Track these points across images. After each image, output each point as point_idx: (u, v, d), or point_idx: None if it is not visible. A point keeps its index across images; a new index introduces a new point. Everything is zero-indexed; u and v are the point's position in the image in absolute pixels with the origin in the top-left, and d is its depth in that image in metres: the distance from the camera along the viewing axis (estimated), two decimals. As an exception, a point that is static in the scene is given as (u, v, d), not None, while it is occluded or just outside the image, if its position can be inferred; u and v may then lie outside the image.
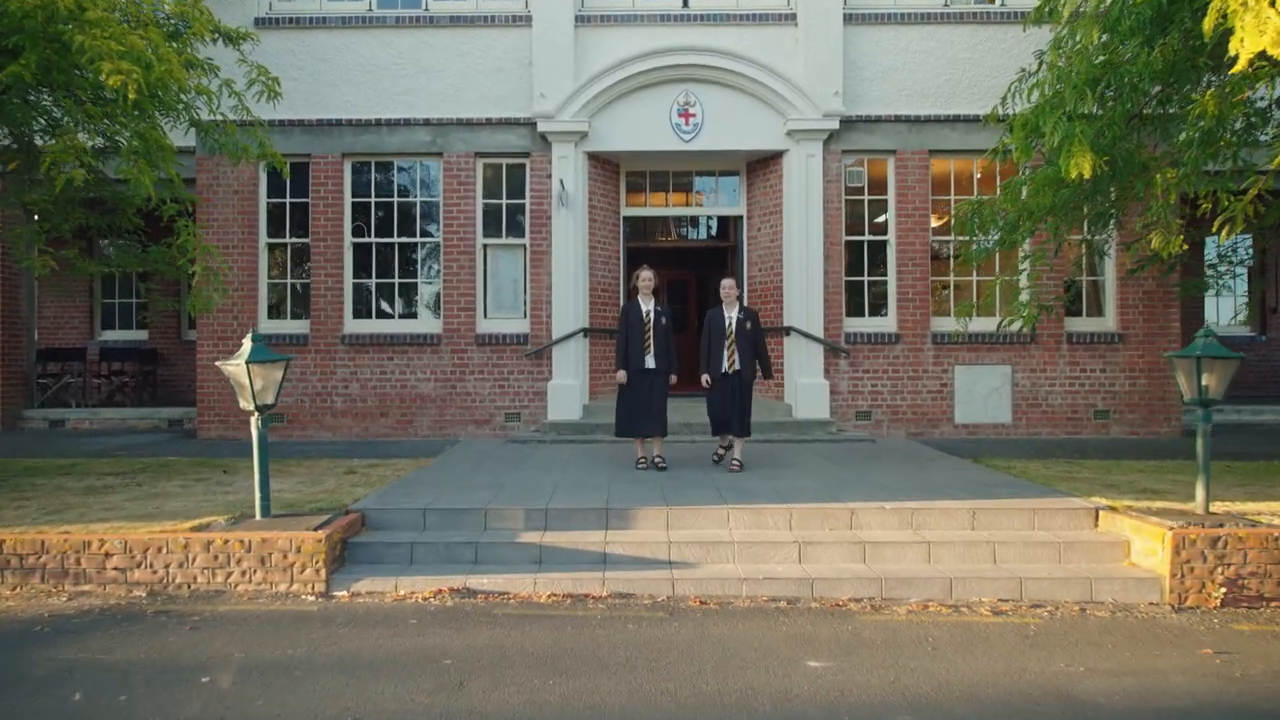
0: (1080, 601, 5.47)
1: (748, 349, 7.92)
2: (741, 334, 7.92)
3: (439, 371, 11.08)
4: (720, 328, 7.99)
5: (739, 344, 7.92)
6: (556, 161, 11.00)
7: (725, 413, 7.99)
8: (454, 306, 11.11)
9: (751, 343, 7.96)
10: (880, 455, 9.20)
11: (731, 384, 7.94)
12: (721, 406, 8.00)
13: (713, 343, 8.01)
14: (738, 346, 7.91)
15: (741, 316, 7.99)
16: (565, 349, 10.97)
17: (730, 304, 8.03)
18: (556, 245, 11.01)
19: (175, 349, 14.81)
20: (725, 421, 8.01)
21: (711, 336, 8.03)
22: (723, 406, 7.99)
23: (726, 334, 7.94)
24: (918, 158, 11.07)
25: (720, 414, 8.04)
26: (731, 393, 7.92)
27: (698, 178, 11.97)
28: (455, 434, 11.05)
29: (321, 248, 11.12)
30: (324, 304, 11.12)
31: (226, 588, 5.55)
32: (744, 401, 7.94)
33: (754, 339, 7.98)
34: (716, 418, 8.11)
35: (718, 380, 7.97)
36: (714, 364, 7.98)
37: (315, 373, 11.09)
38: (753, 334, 7.97)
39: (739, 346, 7.91)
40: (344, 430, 11.06)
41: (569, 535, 6.10)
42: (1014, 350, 11.05)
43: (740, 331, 7.93)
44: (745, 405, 7.96)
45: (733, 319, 7.97)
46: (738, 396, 7.91)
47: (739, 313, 8.00)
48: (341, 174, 11.19)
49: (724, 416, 8.01)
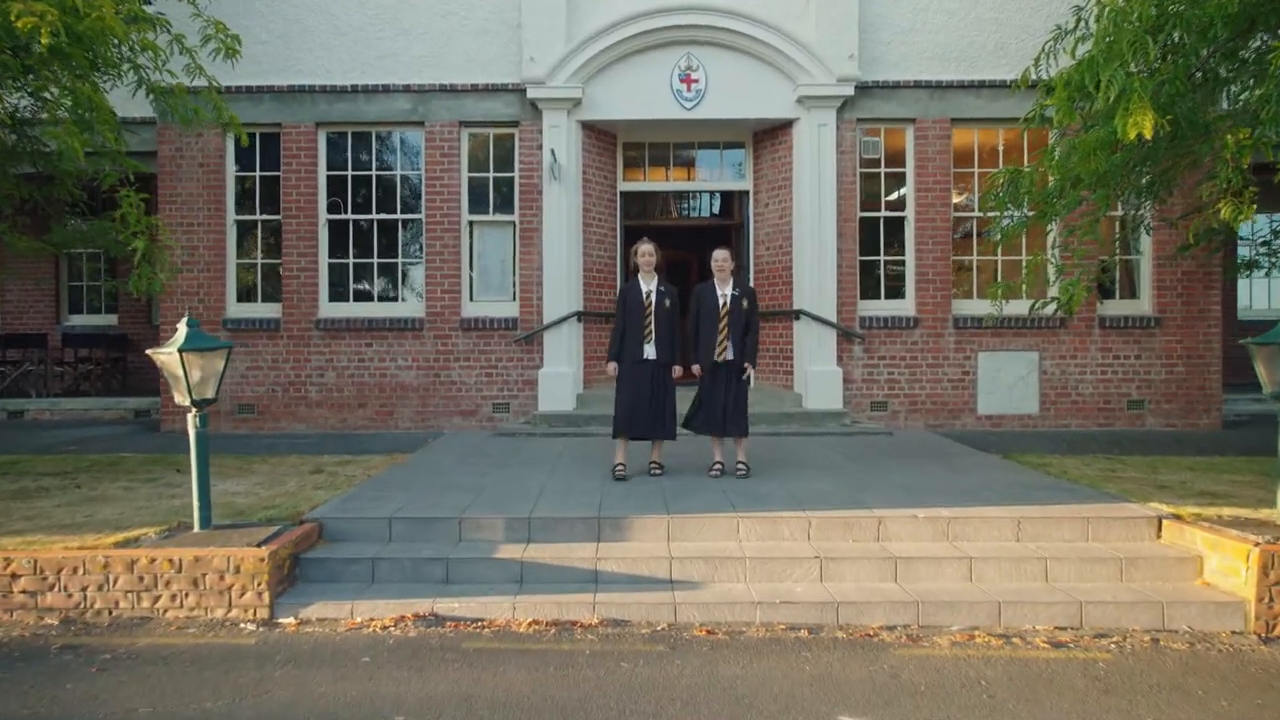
0: (1151, 630, 4.68)
1: (739, 335, 6.84)
2: (737, 315, 6.82)
3: (421, 359, 10.27)
4: (712, 307, 6.86)
5: (733, 327, 6.81)
6: (548, 131, 10.14)
7: (715, 409, 6.84)
8: (437, 288, 10.29)
9: (743, 326, 6.85)
10: (901, 450, 8.40)
11: (723, 376, 6.84)
12: (711, 402, 6.87)
13: (702, 325, 6.89)
14: (731, 330, 6.81)
15: (737, 294, 6.87)
16: (557, 334, 10.16)
17: (724, 279, 6.92)
18: (548, 222, 10.17)
19: (147, 334, 13.95)
20: (715, 420, 6.87)
21: (701, 317, 6.91)
22: (712, 402, 6.86)
23: (719, 314, 6.83)
24: (938, 127, 10.21)
25: (709, 411, 6.88)
26: (724, 386, 6.84)
27: (700, 150, 11.12)
28: (439, 426, 10.25)
29: (294, 225, 10.28)
30: (297, 286, 10.29)
31: (154, 614, 4.75)
32: (739, 397, 6.86)
33: (749, 322, 6.90)
34: (704, 415, 6.93)
35: (707, 370, 6.89)
36: (703, 350, 6.88)
37: (288, 360, 10.28)
38: (749, 316, 6.91)
39: (733, 330, 6.82)
40: (319, 422, 10.26)
41: (555, 549, 5.31)
42: (1042, 335, 10.23)
43: (736, 311, 6.82)
44: (741, 401, 6.87)
45: (727, 296, 6.86)
46: (732, 391, 6.83)
47: (734, 289, 6.91)
48: (315, 145, 10.33)
49: (713, 414, 6.86)
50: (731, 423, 6.87)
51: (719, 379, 6.87)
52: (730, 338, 6.82)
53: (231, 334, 10.23)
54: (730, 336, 6.82)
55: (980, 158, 10.44)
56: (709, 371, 6.89)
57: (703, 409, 6.93)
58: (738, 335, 6.84)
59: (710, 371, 6.88)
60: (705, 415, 6.92)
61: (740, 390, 6.90)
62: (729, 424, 6.87)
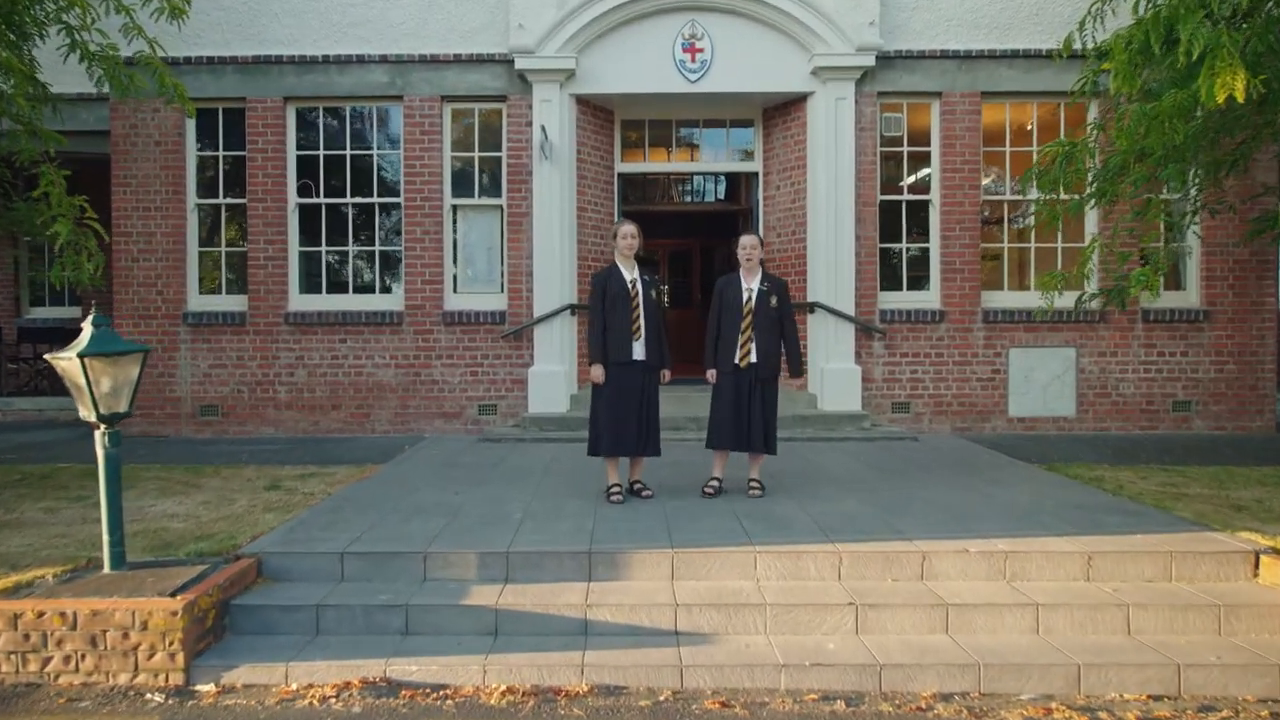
0: (1268, 699, 3.81)
1: (771, 334, 5.92)
2: (763, 312, 5.88)
3: (400, 356, 9.39)
4: (735, 302, 5.93)
5: (758, 326, 5.87)
6: (538, 106, 9.22)
7: (737, 422, 5.87)
8: (418, 279, 9.39)
9: (777, 325, 5.98)
10: (930, 460, 7.53)
11: (746, 382, 5.89)
12: (733, 412, 5.87)
13: (724, 323, 5.97)
14: (756, 329, 5.87)
15: (765, 289, 5.93)
16: (549, 329, 9.27)
17: (751, 270, 5.96)
18: (538, 206, 9.27)
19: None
20: (735, 433, 5.89)
21: (723, 314, 5.99)
22: (734, 412, 5.87)
23: (743, 311, 5.92)
24: (967, 101, 9.29)
25: (729, 422, 5.88)
26: (747, 393, 5.89)
27: (705, 130, 10.20)
28: (420, 429, 9.37)
29: (260, 209, 9.37)
30: (264, 276, 9.39)
31: (43, 679, 3.89)
32: (767, 407, 5.91)
33: (780, 320, 6.00)
34: (722, 426, 5.94)
35: (727, 375, 5.97)
36: (723, 352, 5.96)
37: (254, 357, 9.39)
38: (779, 313, 5.99)
39: (758, 330, 5.88)
40: (289, 425, 9.38)
41: (538, 592, 4.44)
42: (1079, 331, 9.34)
43: (762, 308, 5.89)
44: (769, 412, 5.93)
45: (752, 291, 5.91)
46: (758, 400, 5.88)
47: (761, 283, 5.95)
48: (284, 121, 9.42)
49: (735, 427, 5.87)
50: (764, 437, 5.92)
51: (742, 387, 5.90)
52: (755, 338, 5.88)
53: (192, 329, 9.34)
54: (755, 337, 5.88)
55: (1013, 136, 9.52)
56: (728, 377, 5.93)
57: (730, 423, 5.91)
58: (764, 336, 5.89)
59: (730, 377, 5.92)
60: (734, 430, 5.92)
61: (771, 400, 5.99)
62: (761, 439, 5.91)
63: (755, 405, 5.90)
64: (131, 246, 9.34)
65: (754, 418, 5.90)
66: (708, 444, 6.11)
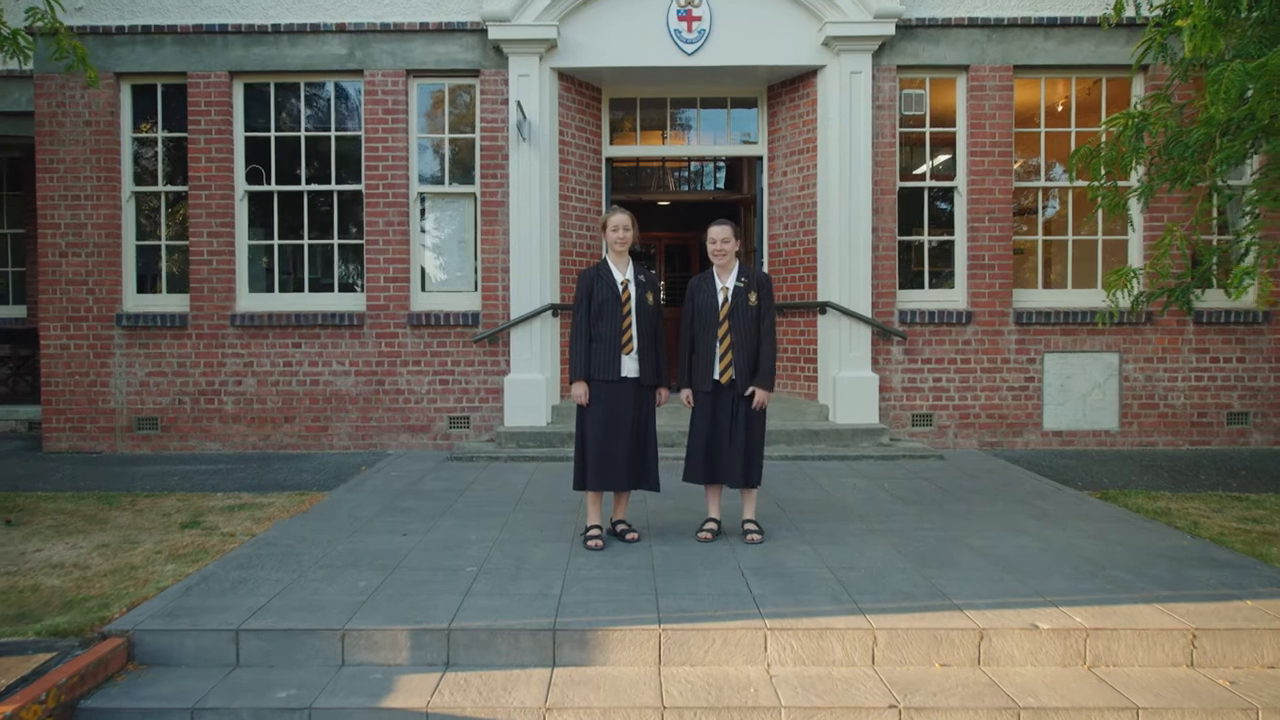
0: None
1: (751, 340, 4.91)
2: (743, 313, 4.87)
3: (362, 362, 8.37)
4: (709, 305, 4.92)
5: (739, 331, 4.86)
6: (515, 81, 8.19)
7: (711, 451, 4.90)
8: (381, 276, 8.36)
9: (754, 328, 4.91)
10: (964, 486, 6.51)
11: (727, 401, 4.87)
12: (708, 439, 4.90)
13: (698, 331, 4.94)
14: (736, 335, 4.86)
15: (741, 285, 4.92)
16: (528, 332, 8.25)
17: (725, 266, 4.95)
18: (516, 194, 8.24)
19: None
20: (708, 464, 4.91)
21: (696, 320, 4.96)
22: (710, 439, 4.90)
23: (718, 314, 4.88)
24: (998, 76, 8.26)
25: (701, 451, 4.91)
26: (730, 418, 4.87)
27: (704, 110, 9.17)
28: (383, 445, 8.36)
29: (204, 198, 8.34)
30: (209, 273, 8.36)
31: None
32: (751, 430, 4.89)
33: (759, 323, 4.95)
34: (693, 455, 4.95)
35: (705, 394, 4.93)
36: (700, 367, 4.92)
37: (198, 364, 8.37)
38: (758, 315, 4.94)
39: (739, 335, 4.86)
40: (236, 440, 8.36)
41: (485, 684, 3.43)
42: (1122, 334, 8.32)
43: (740, 310, 4.87)
44: (753, 437, 4.90)
45: (727, 290, 4.93)
46: (741, 423, 4.86)
47: (738, 279, 4.95)
48: (230, 100, 8.38)
49: (708, 457, 4.90)
50: (743, 469, 4.88)
51: (721, 408, 4.90)
52: (734, 348, 4.86)
53: (128, 332, 8.32)
54: (734, 346, 4.86)
55: (1050, 115, 8.49)
56: (706, 396, 4.93)
57: (704, 451, 4.93)
58: (747, 343, 4.87)
59: (709, 397, 4.92)
60: (708, 460, 4.92)
61: (753, 423, 4.92)
62: (738, 471, 4.87)
63: (737, 430, 4.86)
64: (59, 239, 8.32)
65: (732, 445, 4.86)
66: (684, 476, 5.07)
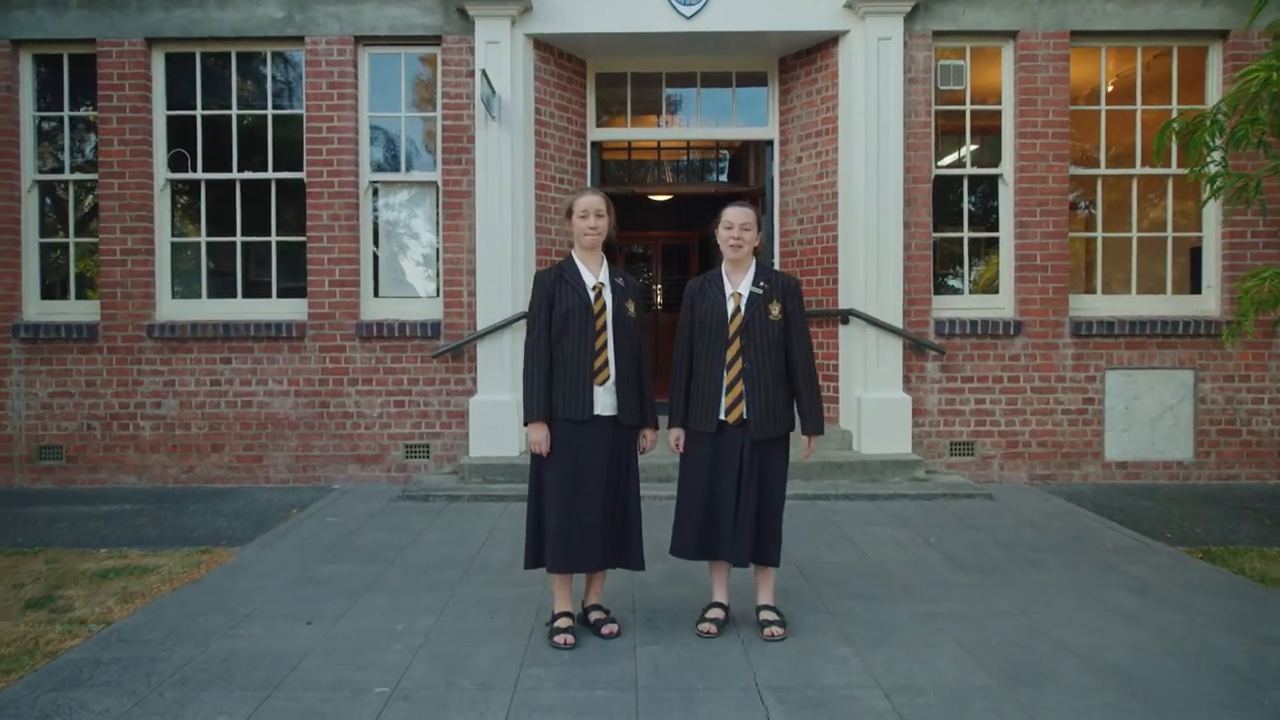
0: None
1: (777, 366, 3.62)
2: (759, 330, 3.59)
3: (303, 380, 7.11)
4: (714, 317, 3.62)
5: (755, 354, 3.58)
6: (483, 49, 6.94)
7: (712, 517, 3.58)
8: (325, 279, 7.11)
9: (781, 351, 3.65)
10: (1029, 539, 5.24)
11: (735, 450, 3.58)
12: (707, 500, 3.59)
13: (699, 350, 3.67)
14: (751, 360, 3.58)
15: (760, 292, 3.64)
16: (497, 346, 6.99)
17: (739, 263, 3.68)
18: (485, 183, 6.99)
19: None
20: (706, 536, 3.59)
21: (696, 336, 3.69)
22: (710, 501, 3.59)
23: (727, 329, 3.60)
24: (1051, 43, 7.01)
25: (697, 517, 3.60)
26: (737, 468, 3.57)
27: (704, 90, 7.91)
28: (329, 477, 7.10)
29: (117, 188, 7.09)
30: (122, 276, 7.11)
31: None
32: (767, 491, 3.61)
33: (786, 342, 3.66)
34: (688, 522, 3.64)
35: (704, 437, 3.63)
36: (699, 400, 3.63)
37: (110, 383, 7.11)
38: (784, 331, 3.65)
39: (755, 359, 3.58)
40: (155, 471, 7.10)
41: None
42: (1198, 347, 7.07)
43: (757, 323, 3.59)
44: (770, 499, 3.62)
45: (740, 297, 3.64)
46: (753, 479, 3.57)
47: (756, 282, 3.66)
48: (148, 72, 7.13)
49: (707, 526, 3.59)
50: (755, 542, 3.58)
51: (726, 458, 3.59)
52: (748, 376, 3.57)
53: (28, 345, 7.06)
54: (748, 374, 3.57)
55: (1113, 93, 7.25)
56: (706, 441, 3.63)
57: (699, 517, 3.61)
58: (765, 370, 3.57)
59: (710, 442, 3.62)
60: (706, 528, 3.61)
61: (770, 479, 3.63)
62: (748, 545, 3.56)
63: (748, 489, 3.55)
64: (-59, 236, 7.07)
65: (742, 510, 3.55)
66: (673, 549, 3.73)
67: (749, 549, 3.56)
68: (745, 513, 3.54)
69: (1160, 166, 6.85)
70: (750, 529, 3.54)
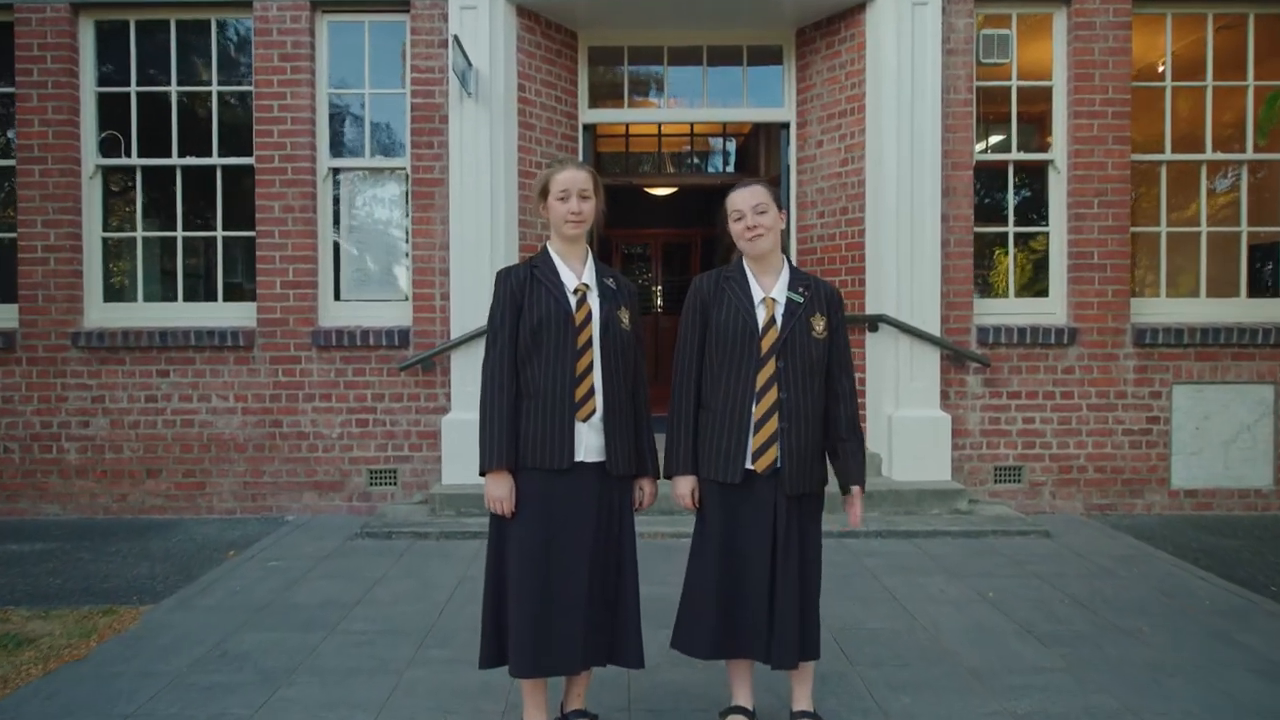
0: None
1: (817, 400, 2.69)
2: (801, 348, 2.65)
3: (251, 396, 6.20)
4: (738, 327, 2.68)
5: (794, 383, 2.64)
6: (457, 15, 6.03)
7: (741, 596, 2.64)
8: (277, 280, 6.20)
9: (822, 379, 2.71)
10: (1107, 594, 4.33)
11: (760, 510, 2.64)
12: (729, 573, 2.65)
13: (714, 372, 2.72)
14: (790, 391, 2.64)
15: (801, 297, 2.70)
16: (474, 356, 6.06)
17: (764, 260, 2.73)
18: (460, 169, 6.08)
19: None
20: (736, 624, 2.65)
21: (714, 351, 2.73)
22: (732, 574, 2.65)
23: (759, 347, 2.64)
24: (1111, 10, 6.12)
25: (724, 600, 2.65)
26: (767, 533, 2.63)
27: (711, 68, 7.00)
28: (283, 506, 6.19)
29: (38, 175, 6.18)
30: (44, 276, 6.20)
31: None
32: (803, 564, 2.66)
33: (825, 366, 2.71)
34: (703, 607, 2.68)
35: (721, 492, 2.68)
36: (714, 442, 2.69)
37: (30, 398, 6.20)
38: (825, 353, 2.71)
39: (795, 391, 2.64)
40: (83, 500, 6.19)
41: None
42: (1277, 357, 6.17)
43: (799, 338, 2.66)
44: (807, 575, 2.67)
45: (774, 303, 2.70)
46: (792, 546, 2.63)
47: (795, 287, 2.73)
48: (75, 42, 6.23)
49: (730, 611, 2.65)
50: (803, 633, 2.66)
51: (755, 520, 2.66)
52: (787, 410, 2.65)
53: (-64, 356, 6.15)
54: (788, 407, 2.65)
55: (1179, 68, 6.35)
56: (726, 497, 2.68)
57: (719, 600, 2.66)
58: (805, 405, 2.65)
59: (731, 499, 2.69)
60: (728, 615, 2.67)
61: (813, 544, 2.71)
62: (792, 638, 2.62)
63: (786, 565, 2.63)
64: None
65: (781, 595, 2.61)
66: (673, 642, 2.80)
67: (795, 647, 2.63)
68: (786, 599, 2.60)
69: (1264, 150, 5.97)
70: (795, 621, 2.61)
